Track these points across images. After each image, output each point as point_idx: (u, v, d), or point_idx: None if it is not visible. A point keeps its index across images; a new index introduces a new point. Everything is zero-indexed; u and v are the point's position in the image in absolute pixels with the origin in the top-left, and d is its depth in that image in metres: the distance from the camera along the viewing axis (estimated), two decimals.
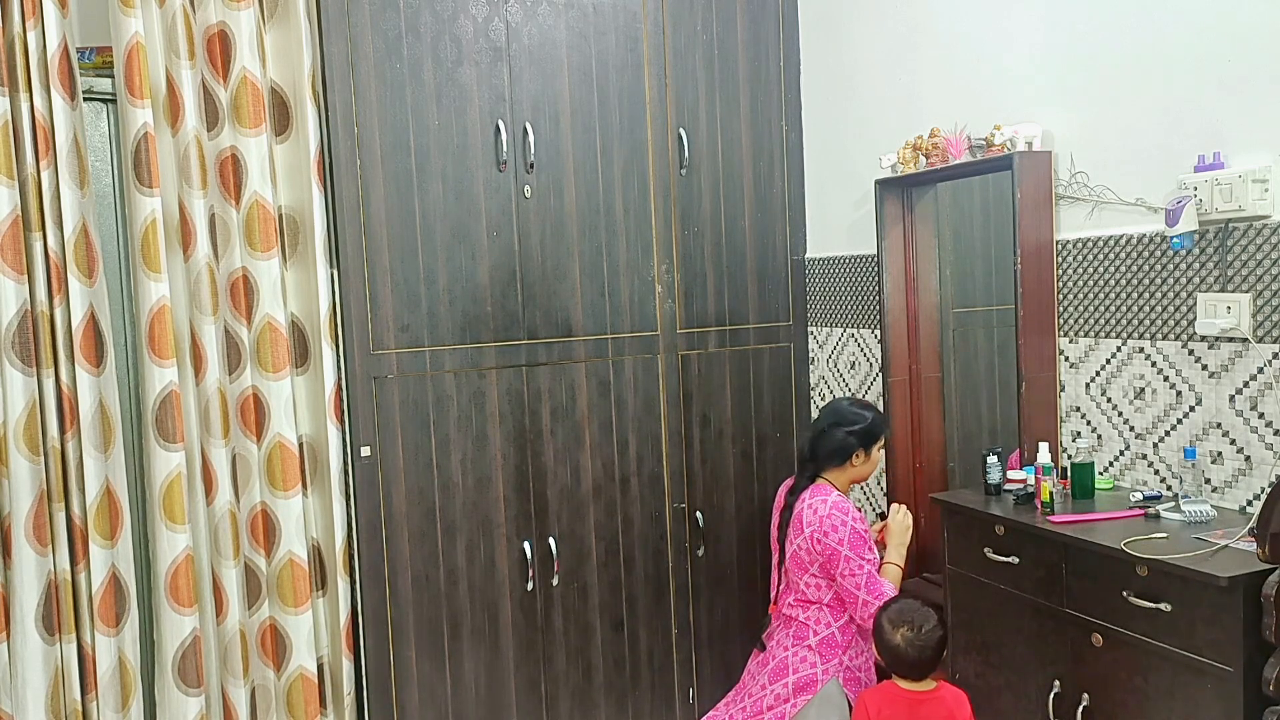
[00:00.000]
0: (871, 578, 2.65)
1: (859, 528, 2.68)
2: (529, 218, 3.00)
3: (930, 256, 3.06)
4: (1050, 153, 2.55)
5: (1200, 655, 1.87)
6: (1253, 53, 2.11)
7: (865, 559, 2.66)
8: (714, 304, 3.31)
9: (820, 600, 2.72)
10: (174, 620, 2.64)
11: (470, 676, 3.01)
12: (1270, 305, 2.11)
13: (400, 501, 2.89)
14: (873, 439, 2.80)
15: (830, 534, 2.66)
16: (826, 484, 2.79)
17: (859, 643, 2.72)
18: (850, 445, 2.78)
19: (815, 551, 2.69)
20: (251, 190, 2.70)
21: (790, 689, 2.68)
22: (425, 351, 2.90)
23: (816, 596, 2.73)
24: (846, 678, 2.68)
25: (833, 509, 2.69)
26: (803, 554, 2.73)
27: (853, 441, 2.77)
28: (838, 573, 2.66)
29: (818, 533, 2.68)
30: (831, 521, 2.67)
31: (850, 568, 2.65)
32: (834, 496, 2.73)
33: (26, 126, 2.44)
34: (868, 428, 2.79)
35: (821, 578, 2.72)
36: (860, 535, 2.68)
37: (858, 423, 2.79)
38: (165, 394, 2.59)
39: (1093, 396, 2.54)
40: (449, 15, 2.87)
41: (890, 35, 3.07)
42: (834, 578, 2.68)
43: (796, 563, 2.76)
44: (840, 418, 2.81)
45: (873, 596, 2.63)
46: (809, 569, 2.73)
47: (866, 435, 2.79)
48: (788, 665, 2.71)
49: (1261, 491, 2.14)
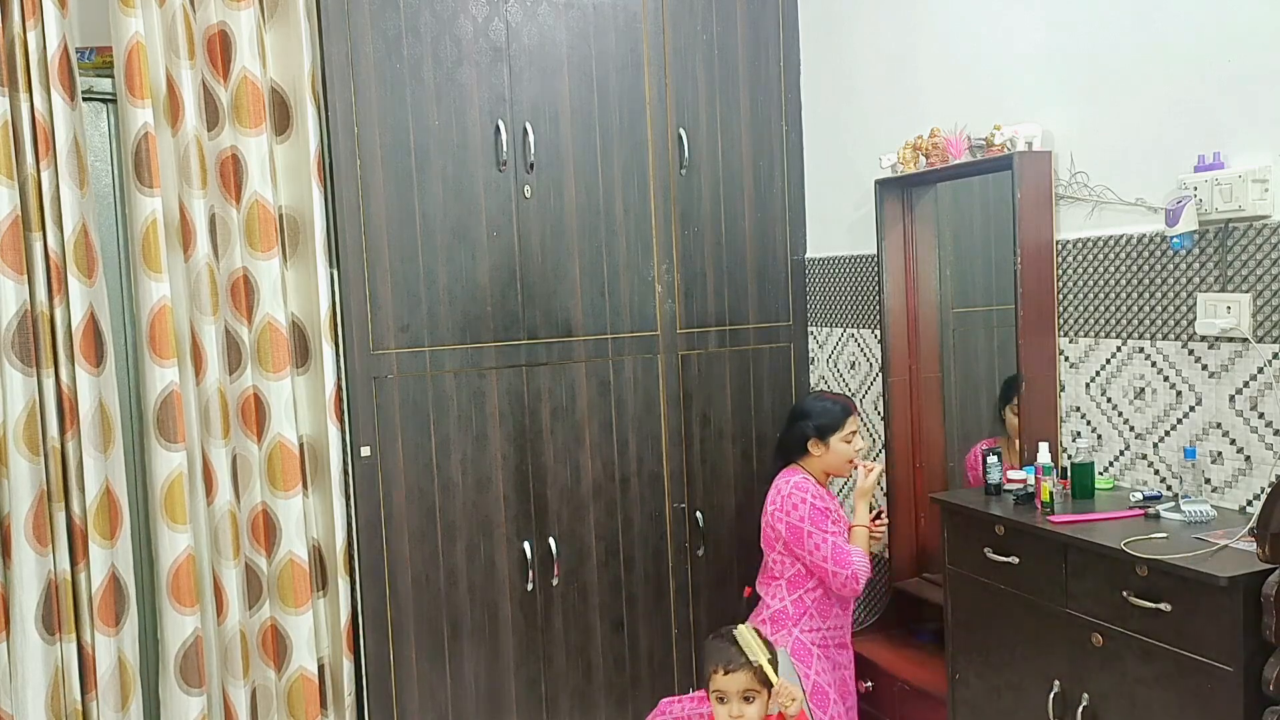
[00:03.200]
0: (836, 548, 2.72)
1: (819, 504, 2.76)
2: (529, 218, 3.00)
3: (930, 256, 3.06)
4: (1050, 153, 2.55)
5: (1200, 655, 1.87)
6: (1253, 53, 2.11)
7: (828, 532, 2.73)
8: (714, 304, 3.31)
9: (782, 576, 2.82)
10: (176, 620, 2.64)
11: (470, 676, 3.01)
12: (1270, 305, 2.11)
13: (400, 501, 2.89)
14: (828, 430, 2.84)
15: (791, 511, 2.76)
16: (796, 467, 2.87)
17: (813, 617, 2.79)
18: (804, 435, 2.85)
19: (778, 530, 2.79)
20: (252, 190, 2.70)
21: None
22: (425, 351, 2.90)
23: (780, 572, 2.82)
24: (795, 648, 2.74)
25: (793, 488, 2.79)
26: (769, 531, 2.84)
27: (807, 432, 2.84)
28: (805, 550, 2.74)
29: (779, 511, 2.79)
30: (791, 500, 2.77)
31: (814, 542, 2.73)
32: (797, 477, 2.82)
33: (26, 126, 2.44)
34: (821, 422, 2.84)
35: (785, 554, 2.81)
36: (820, 510, 2.76)
37: (812, 415, 2.86)
38: (166, 394, 2.59)
39: (1093, 396, 2.54)
40: (449, 15, 2.87)
41: (890, 35, 3.07)
42: (799, 555, 2.76)
43: (765, 540, 2.88)
44: (801, 410, 2.93)
45: (840, 566, 2.71)
46: (775, 546, 2.84)
47: (820, 428, 2.84)
48: None
49: (1261, 491, 2.14)
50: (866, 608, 3.36)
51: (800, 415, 2.90)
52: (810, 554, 2.74)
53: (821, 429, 2.84)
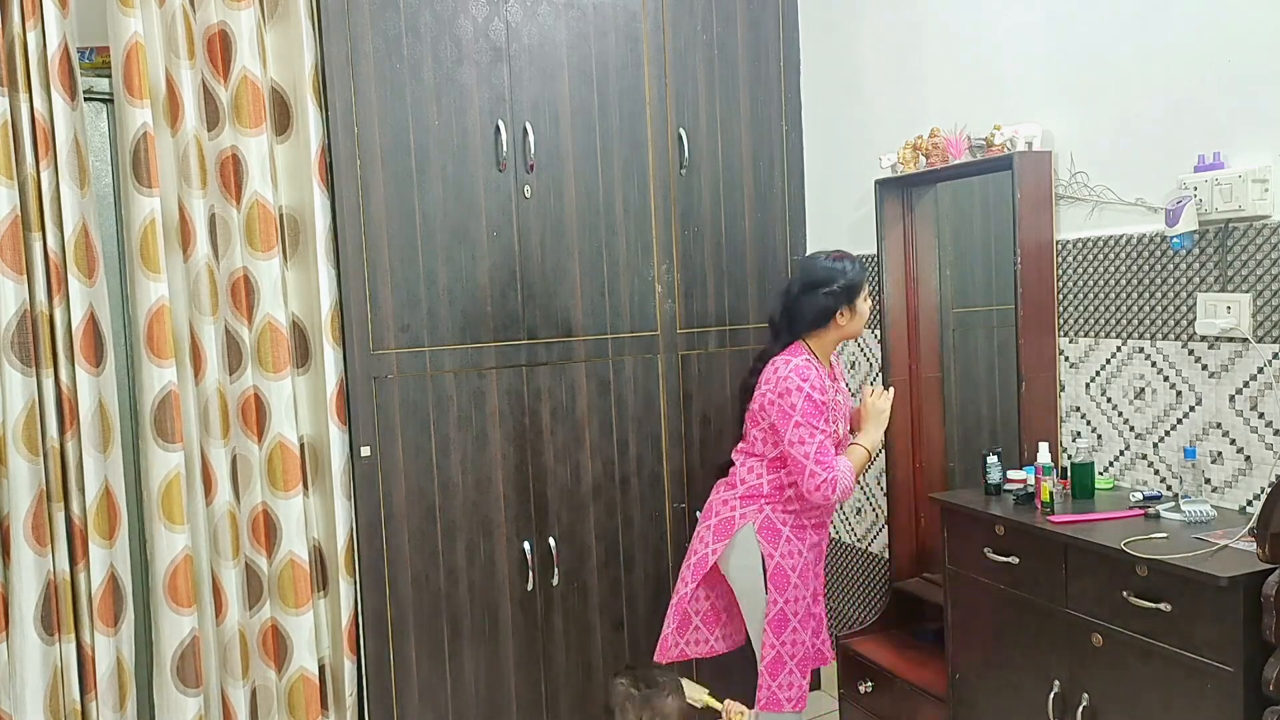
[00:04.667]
0: (823, 448, 2.46)
1: (817, 397, 2.49)
2: (529, 218, 3.00)
3: (930, 256, 3.06)
4: (1050, 153, 2.55)
5: (1200, 655, 1.87)
6: (1253, 53, 2.11)
7: (818, 428, 2.47)
8: (714, 304, 3.31)
9: (763, 454, 2.60)
10: (173, 620, 2.64)
11: (470, 676, 3.01)
12: (1270, 305, 2.11)
13: (400, 501, 2.89)
14: (854, 292, 2.56)
15: (784, 396, 2.49)
16: (800, 345, 2.60)
17: (790, 503, 2.58)
18: (831, 306, 2.55)
19: (767, 411, 2.55)
20: (252, 190, 2.70)
21: (711, 532, 2.65)
22: (425, 351, 2.90)
23: (760, 450, 2.61)
24: (763, 525, 2.57)
25: (792, 371, 2.51)
26: (756, 409, 2.60)
27: (833, 302, 2.55)
28: (786, 439, 2.49)
29: (772, 393, 2.52)
30: (787, 384, 2.49)
31: (800, 434, 2.46)
32: (799, 359, 2.54)
33: (26, 126, 2.44)
34: (847, 283, 2.55)
35: (769, 435, 2.58)
36: (817, 405, 2.48)
37: (836, 279, 2.55)
38: (164, 394, 2.58)
39: (1093, 396, 2.54)
40: (449, 15, 2.87)
41: (890, 35, 3.07)
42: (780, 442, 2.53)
43: (751, 417, 2.64)
44: (813, 278, 2.58)
45: (822, 469, 2.45)
46: (760, 424, 2.60)
47: (847, 291, 2.55)
48: (712, 508, 2.70)
49: (1261, 491, 2.14)
50: (866, 607, 3.36)
51: (817, 283, 2.56)
52: (790, 446, 2.48)
53: (850, 291, 2.54)
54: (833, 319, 2.57)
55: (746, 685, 3.32)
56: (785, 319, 2.63)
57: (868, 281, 2.64)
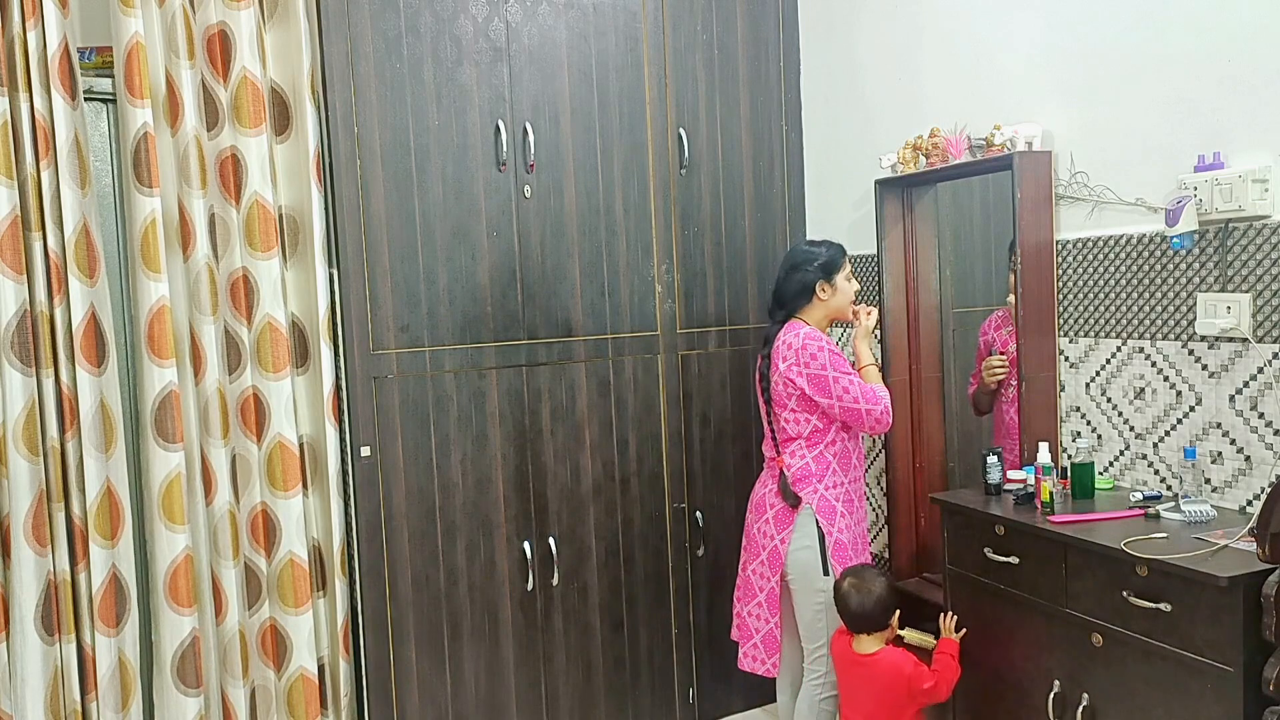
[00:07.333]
0: (864, 387, 2.65)
1: (834, 349, 2.68)
2: (529, 218, 3.00)
3: (930, 256, 3.06)
4: (1050, 153, 2.55)
5: (1200, 655, 1.87)
6: (1253, 53, 2.11)
7: (850, 374, 2.66)
8: (714, 304, 3.31)
9: (800, 435, 2.72)
10: (173, 620, 2.64)
11: (470, 676, 3.01)
12: (1270, 305, 2.11)
13: (400, 501, 2.89)
14: (832, 268, 2.77)
15: (810, 362, 2.65)
16: (798, 321, 2.77)
17: (836, 472, 2.72)
18: (810, 280, 2.75)
19: (795, 385, 2.68)
20: (252, 190, 2.70)
21: (772, 525, 2.74)
22: (425, 351, 2.90)
23: (796, 431, 2.72)
24: (820, 505, 2.69)
25: (805, 339, 2.68)
26: (780, 390, 2.72)
27: (811, 276, 2.75)
28: (833, 396, 2.64)
29: (795, 365, 2.67)
30: (809, 351, 2.66)
31: (843, 386, 2.64)
32: (805, 329, 2.71)
33: (26, 126, 2.44)
34: (823, 261, 2.76)
35: (800, 411, 2.70)
36: (838, 355, 2.67)
37: (814, 259, 2.77)
38: (164, 394, 2.58)
39: (1093, 396, 2.54)
40: (449, 15, 2.86)
41: (890, 35, 3.07)
42: (822, 407, 2.68)
43: (777, 401, 2.75)
44: (793, 260, 2.81)
45: (872, 404, 2.63)
46: (788, 404, 2.72)
47: (824, 267, 2.76)
48: (765, 503, 2.77)
49: (1261, 491, 2.14)
50: None
51: (799, 263, 2.79)
52: (840, 399, 2.63)
53: (826, 268, 2.75)
54: (814, 294, 2.77)
55: (747, 684, 3.32)
56: (775, 300, 2.85)
57: (848, 261, 2.82)
